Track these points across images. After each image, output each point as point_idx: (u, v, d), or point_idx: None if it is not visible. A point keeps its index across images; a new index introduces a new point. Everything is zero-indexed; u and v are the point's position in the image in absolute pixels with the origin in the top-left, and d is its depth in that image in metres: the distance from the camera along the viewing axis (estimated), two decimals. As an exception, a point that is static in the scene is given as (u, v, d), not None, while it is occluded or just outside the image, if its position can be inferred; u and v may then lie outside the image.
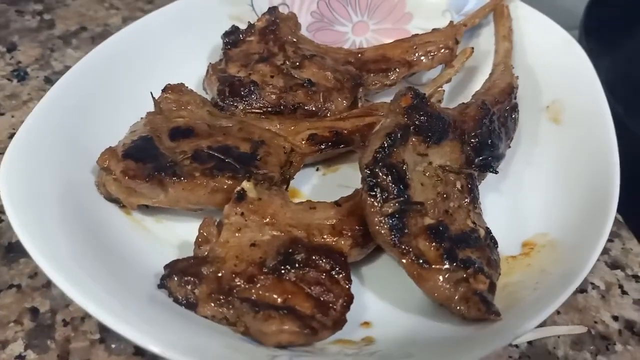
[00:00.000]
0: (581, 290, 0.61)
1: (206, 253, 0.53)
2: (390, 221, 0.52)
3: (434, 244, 0.52)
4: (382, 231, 0.52)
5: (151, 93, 0.67)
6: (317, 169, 0.70)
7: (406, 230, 0.52)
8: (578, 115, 0.67)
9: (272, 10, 0.78)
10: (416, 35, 0.77)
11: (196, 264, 0.52)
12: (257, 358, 0.42)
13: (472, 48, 0.75)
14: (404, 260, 0.52)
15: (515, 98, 0.67)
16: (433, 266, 0.51)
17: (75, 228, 0.54)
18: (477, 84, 0.75)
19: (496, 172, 0.61)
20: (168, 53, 0.77)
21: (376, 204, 0.53)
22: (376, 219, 0.52)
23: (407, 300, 0.56)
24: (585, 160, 0.63)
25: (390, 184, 0.53)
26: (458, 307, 0.50)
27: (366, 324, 0.54)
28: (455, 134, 0.60)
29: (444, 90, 0.72)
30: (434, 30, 0.77)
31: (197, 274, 0.51)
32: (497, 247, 0.56)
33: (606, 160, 0.60)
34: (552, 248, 0.58)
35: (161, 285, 0.51)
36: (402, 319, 0.54)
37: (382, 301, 0.56)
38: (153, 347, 0.40)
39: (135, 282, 0.51)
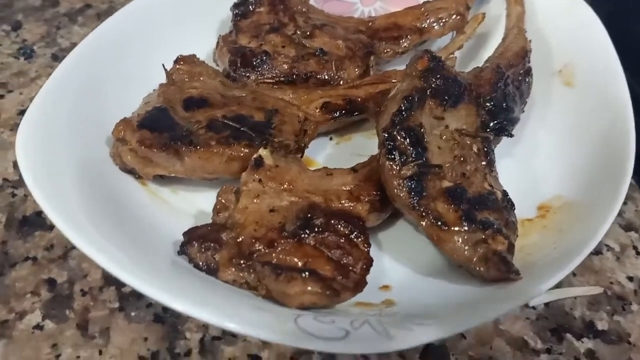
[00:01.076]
0: (596, 252, 0.61)
1: (225, 220, 0.53)
2: (409, 184, 0.52)
3: (452, 206, 0.52)
4: (401, 194, 0.52)
5: (163, 65, 0.67)
6: (331, 138, 0.70)
7: (424, 193, 0.52)
8: (591, 78, 0.67)
9: (281, -20, 0.77)
10: (427, 2, 0.76)
11: (215, 230, 0.52)
12: (283, 317, 0.42)
13: (484, 14, 0.74)
14: (423, 223, 0.52)
15: (529, 62, 0.67)
16: (452, 228, 0.51)
17: (94, 200, 0.54)
18: (489, 50, 0.74)
19: (511, 136, 0.61)
20: (176, 27, 0.77)
21: (395, 166, 0.52)
22: (395, 182, 0.52)
23: (425, 263, 0.56)
24: (600, 122, 0.62)
25: (409, 147, 0.53)
26: (478, 268, 0.50)
27: (385, 287, 0.54)
28: (471, 98, 0.59)
29: (456, 57, 0.71)
30: (443, -4, 0.76)
31: (217, 239, 0.51)
32: (514, 209, 0.56)
33: (621, 121, 0.60)
34: (568, 209, 0.58)
35: (181, 252, 0.51)
36: (420, 281, 0.55)
37: (400, 265, 0.57)
38: (182, 307, 0.40)
39: (155, 250, 0.52)
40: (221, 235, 0.51)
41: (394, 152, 0.53)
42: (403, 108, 0.55)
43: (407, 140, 0.53)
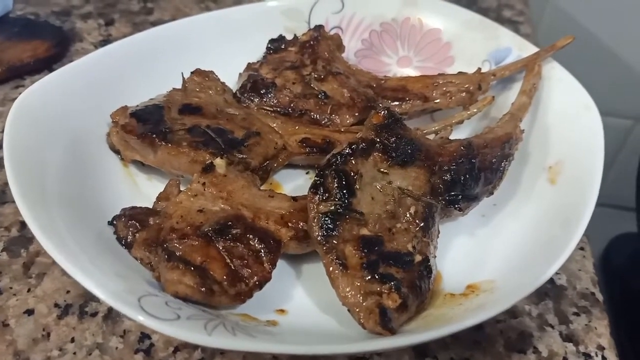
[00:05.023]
0: (520, 350, 0.58)
1: (161, 208, 0.59)
2: (323, 219, 0.55)
3: (359, 252, 0.54)
4: (313, 226, 0.55)
5: (182, 73, 0.75)
6: (307, 173, 0.74)
7: (335, 233, 0.54)
8: (571, 180, 0.65)
9: (318, 27, 0.84)
10: (442, 74, 0.79)
11: (146, 214, 0.58)
12: (131, 291, 0.46)
13: (493, 97, 0.75)
14: (324, 259, 0.54)
15: (510, 148, 0.67)
16: (349, 271, 0.53)
17: (68, 163, 0.62)
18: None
19: (460, 210, 0.61)
20: (221, 48, 0.86)
21: (315, 200, 0.56)
22: (311, 214, 0.55)
23: (331, 302, 0.57)
24: (553, 229, 0.61)
25: (335, 188, 0.56)
26: (359, 315, 0.51)
27: (281, 311, 0.56)
28: (424, 163, 0.61)
29: (451, 130, 0.73)
30: (460, 73, 0.78)
31: (143, 221, 0.57)
32: (430, 276, 0.56)
33: (567, 232, 0.58)
34: (490, 294, 0.57)
35: (110, 222, 0.58)
36: (316, 316, 0.56)
37: (307, 297, 0.58)
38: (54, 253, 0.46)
39: (93, 218, 0.58)
40: (149, 219, 0.57)
41: (319, 188, 0.56)
42: (344, 153, 0.58)
43: (336, 181, 0.56)
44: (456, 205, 0.61)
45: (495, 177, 0.65)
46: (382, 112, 0.60)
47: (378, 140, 0.59)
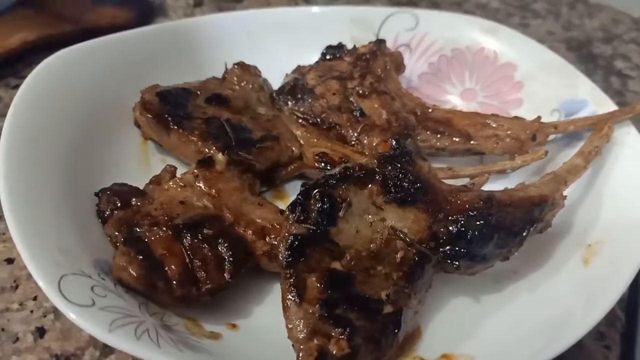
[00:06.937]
0: None
1: (148, 191, 0.58)
2: (292, 241, 0.51)
3: (321, 286, 0.49)
4: (280, 245, 0.51)
5: (225, 63, 0.75)
6: (320, 189, 0.69)
7: (302, 259, 0.50)
8: (605, 266, 0.56)
9: (380, 42, 0.79)
10: (496, 115, 0.71)
11: (132, 194, 0.57)
12: (65, 265, 0.45)
13: (546, 151, 0.66)
14: (282, 284, 0.50)
15: (540, 213, 0.58)
16: (303, 304, 0.48)
17: (87, 127, 0.64)
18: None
19: (458, 268, 0.54)
20: (283, 46, 0.84)
21: (290, 219, 0.52)
22: (282, 233, 0.52)
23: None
24: (571, 314, 0.52)
25: (315, 211, 0.52)
26: (299, 354, 0.47)
27: (233, 325, 0.53)
28: (428, 207, 0.55)
29: (487, 178, 0.65)
30: (515, 117, 0.70)
31: (126, 200, 0.56)
32: (397, 332, 0.50)
33: (573, 326, 0.49)
34: (461, 371, 0.50)
35: (97, 194, 0.58)
36: (264, 340, 0.52)
37: (266, 319, 0.54)
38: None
39: (87, 185, 0.59)
40: (132, 199, 0.57)
41: (298, 207, 0.52)
42: (337, 176, 0.53)
43: (319, 204, 0.52)
44: (454, 262, 0.54)
45: (513, 241, 0.57)
46: (391, 142, 0.55)
47: (378, 170, 0.54)
